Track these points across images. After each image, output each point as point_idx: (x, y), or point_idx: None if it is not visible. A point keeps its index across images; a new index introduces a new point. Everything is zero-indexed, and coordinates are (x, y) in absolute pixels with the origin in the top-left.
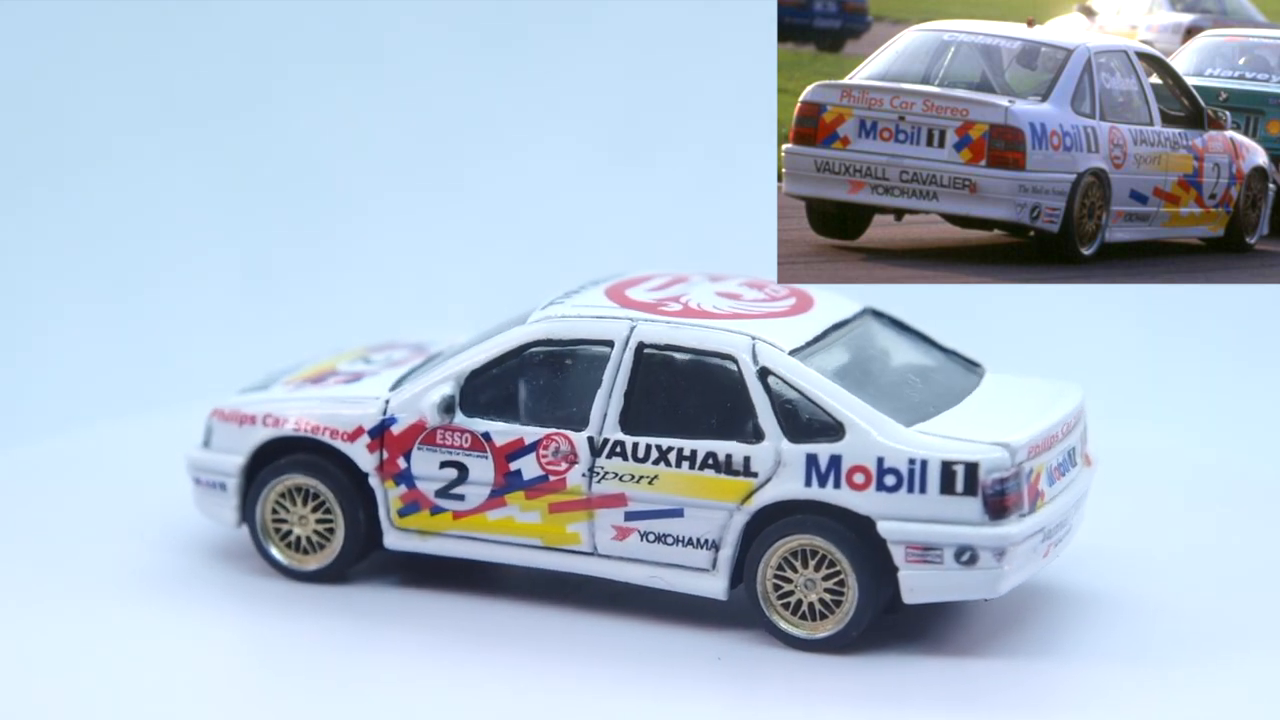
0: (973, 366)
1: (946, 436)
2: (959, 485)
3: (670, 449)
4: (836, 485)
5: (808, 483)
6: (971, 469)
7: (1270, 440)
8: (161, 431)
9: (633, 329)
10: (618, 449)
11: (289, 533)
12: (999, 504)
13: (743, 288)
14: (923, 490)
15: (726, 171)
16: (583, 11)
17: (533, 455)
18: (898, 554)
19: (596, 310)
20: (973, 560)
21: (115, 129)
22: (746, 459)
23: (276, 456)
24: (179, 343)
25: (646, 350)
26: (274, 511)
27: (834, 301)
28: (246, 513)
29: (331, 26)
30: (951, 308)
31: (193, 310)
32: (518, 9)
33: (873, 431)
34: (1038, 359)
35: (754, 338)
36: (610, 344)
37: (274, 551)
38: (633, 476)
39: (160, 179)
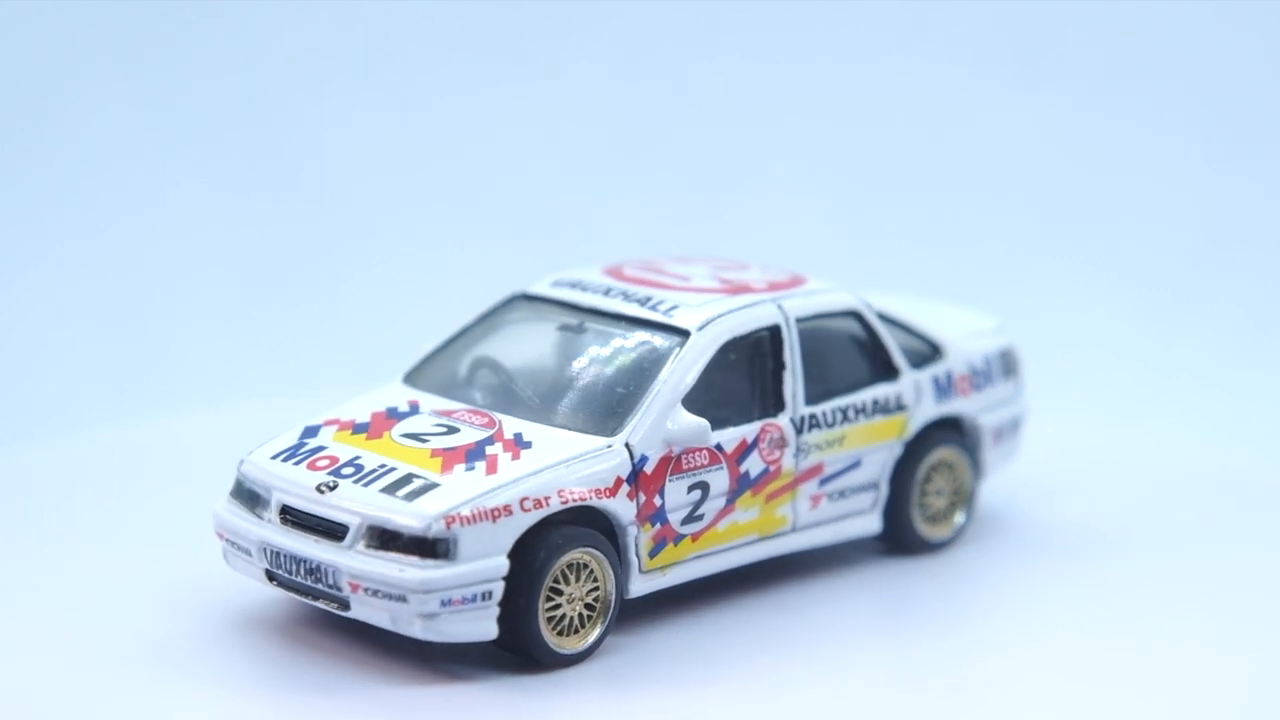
0: None
1: (978, 334)
2: (1009, 369)
3: (848, 407)
4: (955, 396)
5: (937, 401)
6: (1011, 353)
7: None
8: (164, 436)
9: (781, 306)
10: (814, 421)
11: (561, 617)
12: (1019, 377)
13: (735, 265)
14: (992, 382)
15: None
16: (581, 10)
17: (756, 452)
18: (988, 440)
19: (739, 300)
20: (1017, 428)
21: (116, 130)
22: (898, 395)
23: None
24: (176, 345)
25: (799, 324)
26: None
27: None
28: (524, 611)
29: (331, 26)
30: None
31: (189, 312)
32: (516, 8)
33: (957, 345)
34: None
35: (852, 292)
36: (776, 327)
37: (554, 643)
38: (828, 443)
39: (159, 179)
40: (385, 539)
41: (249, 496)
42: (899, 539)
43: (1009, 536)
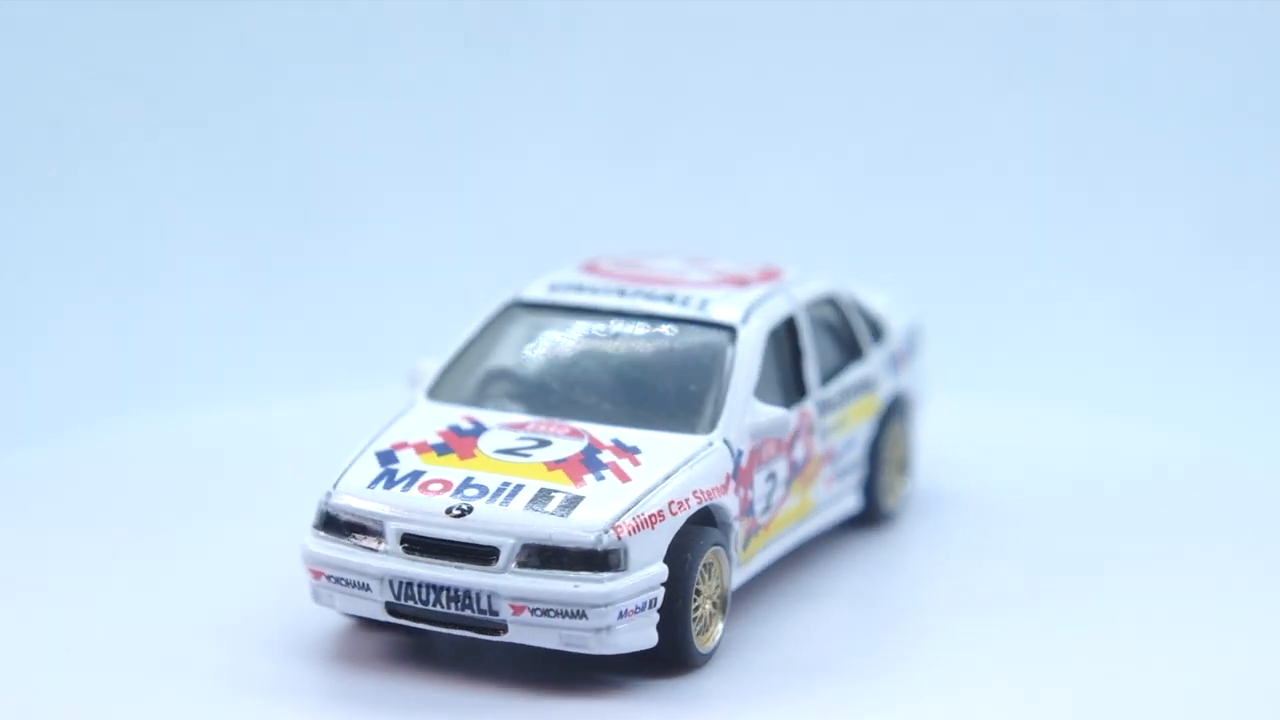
0: None
1: (889, 310)
2: (916, 341)
3: (846, 389)
4: (899, 372)
5: (892, 377)
6: (918, 326)
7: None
8: (164, 436)
9: (790, 295)
10: (828, 405)
11: (699, 617)
12: (924, 349)
13: (706, 258)
14: (914, 355)
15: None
16: (580, 11)
17: (801, 437)
18: (911, 412)
19: (756, 291)
20: (923, 399)
21: (115, 130)
22: (871, 374)
23: None
24: (176, 345)
25: (807, 311)
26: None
27: None
28: (680, 614)
29: (330, 28)
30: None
31: (190, 312)
32: (514, 8)
33: (895, 324)
34: None
35: (829, 278)
36: (792, 316)
37: (700, 645)
38: (837, 425)
39: (156, 179)
40: (545, 556)
41: (349, 529)
42: (866, 513)
43: (1009, 536)
